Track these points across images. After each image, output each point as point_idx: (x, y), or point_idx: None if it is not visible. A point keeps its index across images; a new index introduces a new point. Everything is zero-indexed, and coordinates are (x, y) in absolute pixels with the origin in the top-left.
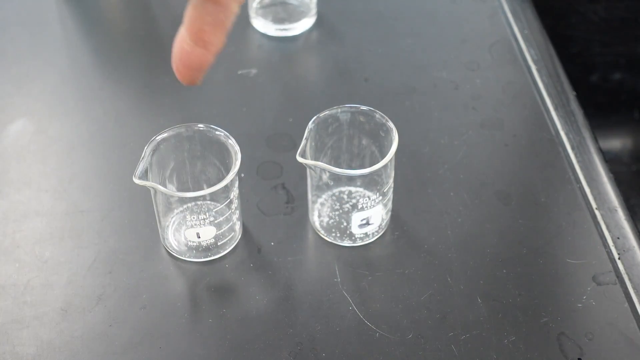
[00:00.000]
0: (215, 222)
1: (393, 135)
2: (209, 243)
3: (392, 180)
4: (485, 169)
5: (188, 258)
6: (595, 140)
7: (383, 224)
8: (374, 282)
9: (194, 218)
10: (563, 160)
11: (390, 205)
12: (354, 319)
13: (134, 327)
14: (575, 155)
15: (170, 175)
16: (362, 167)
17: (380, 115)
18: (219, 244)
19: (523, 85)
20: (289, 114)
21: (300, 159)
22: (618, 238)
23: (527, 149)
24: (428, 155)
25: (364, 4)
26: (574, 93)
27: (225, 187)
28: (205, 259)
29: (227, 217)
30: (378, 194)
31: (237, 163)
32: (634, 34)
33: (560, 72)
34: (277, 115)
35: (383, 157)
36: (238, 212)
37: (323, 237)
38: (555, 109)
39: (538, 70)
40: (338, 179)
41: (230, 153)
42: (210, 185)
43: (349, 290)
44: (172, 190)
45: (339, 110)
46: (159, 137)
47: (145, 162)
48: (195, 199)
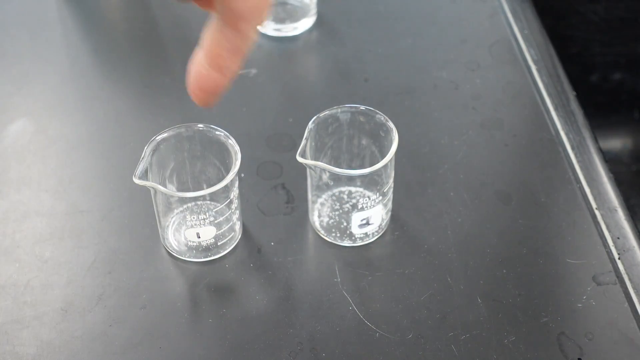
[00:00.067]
0: (215, 222)
1: (393, 135)
2: (209, 243)
3: (392, 180)
4: (485, 169)
5: (188, 258)
6: (595, 140)
7: (383, 224)
8: (374, 282)
9: (194, 218)
10: (563, 160)
11: (390, 205)
12: (354, 319)
13: (134, 327)
14: (575, 155)
15: (170, 175)
16: (362, 167)
17: (380, 115)
18: (219, 244)
19: (523, 85)
20: (289, 114)
21: (300, 159)
22: (618, 238)
23: (527, 149)
24: (428, 155)
25: (364, 4)
26: (574, 93)
27: (225, 187)
28: (205, 259)
29: (227, 217)
30: (378, 194)
31: (237, 163)
32: (634, 34)
33: (560, 72)
34: (277, 115)
35: (383, 157)
36: (238, 212)
37: (323, 237)
38: (555, 109)
39: (538, 70)
40: (338, 179)
41: (230, 153)
42: (210, 185)
43: (349, 290)
44: (172, 190)
45: (339, 110)
46: (159, 137)
47: (145, 162)
48: (195, 199)
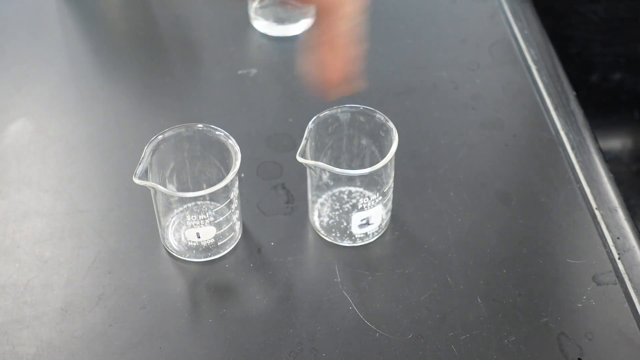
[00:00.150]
0: (215, 222)
1: (393, 135)
2: (209, 243)
3: (392, 180)
4: (485, 169)
5: (188, 258)
6: (595, 140)
7: (383, 224)
8: (374, 282)
9: (194, 218)
10: (563, 160)
11: (390, 205)
12: (354, 319)
13: (134, 327)
14: (575, 155)
15: (170, 175)
16: (362, 167)
17: (380, 115)
18: (219, 244)
19: (523, 85)
20: (289, 114)
21: (300, 159)
22: (618, 238)
23: (527, 149)
24: (428, 155)
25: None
26: (574, 93)
27: (225, 187)
28: (205, 259)
29: (227, 217)
30: (378, 194)
31: (237, 163)
32: (634, 34)
33: (560, 72)
34: (277, 115)
35: (383, 157)
36: (238, 212)
37: (323, 237)
38: (555, 109)
39: (538, 70)
40: (338, 179)
41: (230, 153)
42: (210, 185)
43: (349, 290)
44: (172, 190)
45: (339, 110)
46: (159, 137)
47: (145, 162)
48: (195, 199)
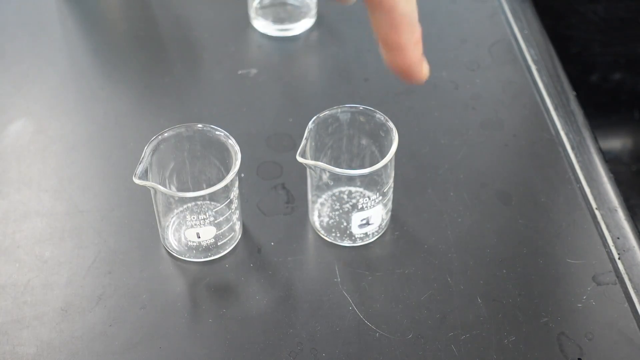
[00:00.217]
0: (215, 222)
1: (393, 135)
2: (209, 243)
3: (392, 180)
4: (485, 169)
5: (188, 258)
6: (595, 140)
7: (383, 224)
8: (374, 282)
9: (194, 218)
10: (563, 160)
11: (390, 205)
12: (354, 319)
13: (134, 327)
14: (575, 155)
15: (170, 175)
16: (362, 167)
17: (380, 115)
18: (219, 244)
19: (523, 85)
20: (289, 114)
21: (300, 159)
22: (618, 238)
23: (527, 149)
24: (428, 155)
25: (364, 4)
26: (574, 93)
27: (225, 187)
28: (205, 259)
29: (227, 217)
30: (378, 194)
31: (237, 163)
32: (634, 34)
33: (560, 72)
34: (277, 115)
35: (383, 157)
36: (238, 212)
37: (323, 237)
38: (555, 109)
39: (538, 70)
40: (338, 179)
41: (230, 153)
42: (210, 185)
43: (349, 290)
44: (172, 190)
45: (339, 110)
46: (159, 137)
47: (145, 162)
48: (195, 199)
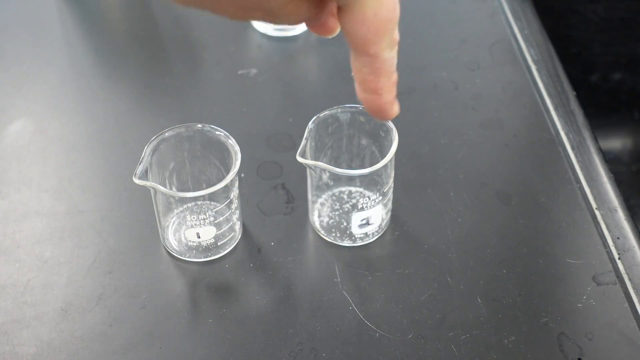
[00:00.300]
0: (215, 222)
1: (393, 135)
2: (209, 243)
3: (392, 180)
4: (485, 169)
5: (188, 258)
6: (595, 140)
7: (383, 224)
8: (374, 282)
9: (194, 218)
10: (563, 160)
11: (390, 205)
12: (354, 319)
13: (134, 327)
14: (575, 155)
15: (170, 175)
16: (362, 167)
17: None
18: (219, 244)
19: (523, 85)
20: (289, 114)
21: (300, 159)
22: (618, 238)
23: (527, 149)
24: (428, 155)
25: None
26: (574, 93)
27: (225, 187)
28: (205, 259)
29: (227, 217)
30: (378, 194)
31: (237, 163)
32: (634, 34)
33: (560, 72)
34: (277, 115)
35: (383, 157)
36: (238, 212)
37: (323, 237)
38: (555, 109)
39: (538, 70)
40: (338, 179)
41: (230, 153)
42: (210, 185)
43: (349, 290)
44: (172, 190)
45: (339, 110)
46: (159, 137)
47: (145, 162)
48: (195, 199)
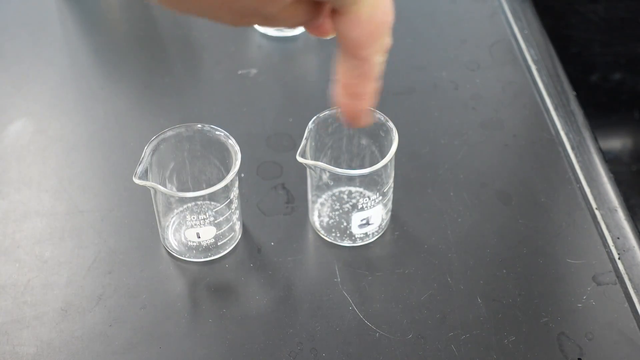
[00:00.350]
0: (215, 222)
1: (393, 135)
2: (209, 243)
3: (392, 180)
4: (485, 169)
5: (188, 258)
6: (595, 140)
7: (383, 224)
8: (374, 282)
9: (194, 218)
10: (563, 160)
11: (390, 205)
12: (354, 319)
13: (134, 327)
14: (575, 155)
15: (170, 175)
16: (362, 167)
17: (380, 115)
18: (219, 244)
19: (523, 85)
20: (289, 114)
21: (300, 159)
22: (618, 238)
23: (527, 149)
24: (428, 155)
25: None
26: (574, 93)
27: (225, 187)
28: (205, 259)
29: (227, 217)
30: (378, 194)
31: (237, 163)
32: (634, 34)
33: (560, 72)
34: (277, 115)
35: (383, 157)
36: (238, 212)
37: (323, 237)
38: (555, 109)
39: (538, 70)
40: (338, 179)
41: (230, 153)
42: (210, 185)
43: (349, 290)
44: (172, 190)
45: (339, 110)
46: (159, 137)
47: (145, 162)
48: (195, 199)
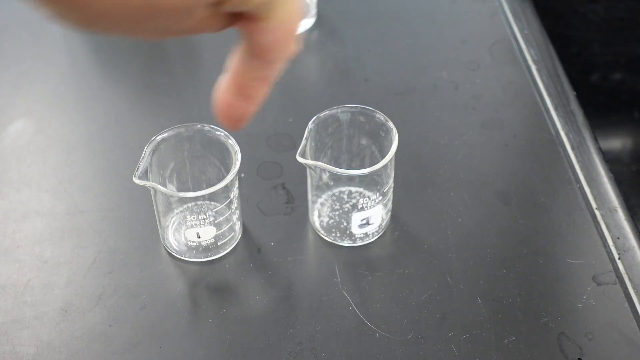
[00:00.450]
0: (215, 222)
1: (393, 135)
2: (209, 243)
3: (392, 180)
4: (485, 169)
5: (188, 258)
6: (595, 140)
7: (383, 224)
8: (374, 282)
9: (194, 218)
10: (563, 160)
11: (390, 205)
12: (354, 319)
13: (134, 327)
14: (575, 155)
15: (170, 175)
16: (362, 167)
17: (380, 115)
18: (219, 244)
19: (523, 85)
20: (289, 114)
21: (300, 159)
22: (618, 238)
23: (527, 149)
24: (428, 155)
25: (364, 4)
26: (574, 93)
27: (225, 187)
28: (205, 259)
29: (227, 217)
30: (378, 194)
31: (237, 163)
32: (634, 34)
33: (560, 72)
34: (277, 115)
35: (383, 157)
36: (238, 212)
37: (323, 237)
38: (555, 109)
39: (538, 70)
40: (338, 179)
41: (230, 153)
42: (210, 185)
43: (349, 290)
44: (172, 190)
45: (339, 110)
46: (159, 137)
47: (145, 162)
48: (195, 199)
